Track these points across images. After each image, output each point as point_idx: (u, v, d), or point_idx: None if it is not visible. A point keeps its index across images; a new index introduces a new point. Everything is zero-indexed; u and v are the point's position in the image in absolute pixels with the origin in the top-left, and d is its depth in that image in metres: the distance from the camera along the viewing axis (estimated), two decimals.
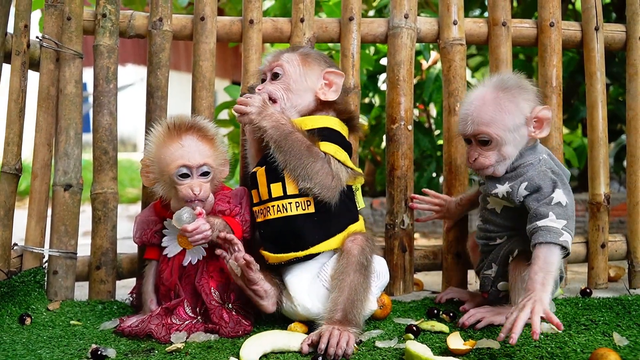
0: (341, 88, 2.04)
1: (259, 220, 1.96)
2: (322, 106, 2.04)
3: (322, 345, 1.64)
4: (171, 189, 1.93)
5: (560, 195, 1.79)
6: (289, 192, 1.88)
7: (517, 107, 1.84)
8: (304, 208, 1.88)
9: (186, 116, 1.99)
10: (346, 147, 1.98)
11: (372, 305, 1.90)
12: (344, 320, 1.73)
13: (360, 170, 2.03)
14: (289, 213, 1.88)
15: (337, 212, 1.91)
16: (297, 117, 1.98)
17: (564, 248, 1.72)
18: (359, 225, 1.98)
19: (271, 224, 1.91)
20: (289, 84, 1.99)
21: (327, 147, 1.91)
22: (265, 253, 1.93)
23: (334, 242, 1.90)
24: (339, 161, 1.91)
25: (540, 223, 1.75)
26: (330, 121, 1.99)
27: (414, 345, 1.57)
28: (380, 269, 1.97)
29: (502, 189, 1.88)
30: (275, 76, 2.01)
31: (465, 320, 1.85)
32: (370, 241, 1.90)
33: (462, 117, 1.90)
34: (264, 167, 1.93)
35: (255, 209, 1.97)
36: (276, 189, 1.89)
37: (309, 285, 1.88)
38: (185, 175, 1.88)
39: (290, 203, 1.88)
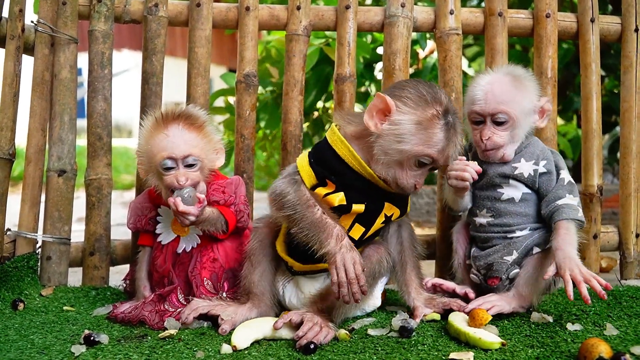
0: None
1: None
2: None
3: (301, 333, 1.62)
4: (160, 180, 1.91)
5: (567, 174, 1.92)
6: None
7: (530, 94, 1.93)
8: None
9: (177, 106, 1.95)
10: None
11: (376, 301, 1.93)
12: (325, 312, 1.71)
13: None
14: None
15: None
16: None
17: (580, 224, 1.83)
18: None
19: None
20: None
21: None
22: (291, 261, 1.86)
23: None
24: None
25: (560, 202, 1.86)
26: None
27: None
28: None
29: (526, 167, 1.92)
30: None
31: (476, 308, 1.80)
32: (390, 253, 1.87)
33: (478, 96, 1.90)
34: (364, 205, 1.79)
35: None
36: (356, 231, 1.82)
37: (320, 284, 1.85)
38: (170, 168, 1.86)
39: None
